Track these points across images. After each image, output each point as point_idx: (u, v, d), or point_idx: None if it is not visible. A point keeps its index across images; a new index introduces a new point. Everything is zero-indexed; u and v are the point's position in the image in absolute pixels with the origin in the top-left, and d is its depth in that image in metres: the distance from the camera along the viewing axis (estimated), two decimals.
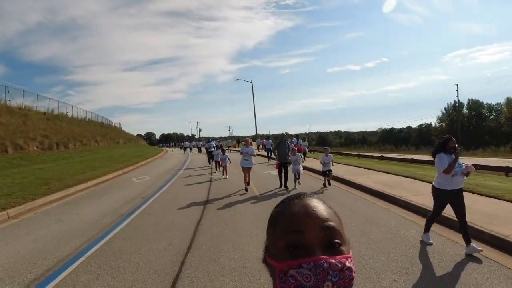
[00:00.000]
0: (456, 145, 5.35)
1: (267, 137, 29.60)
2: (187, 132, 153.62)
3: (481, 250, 4.98)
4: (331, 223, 0.73)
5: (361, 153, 33.58)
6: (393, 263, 4.84)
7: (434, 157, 5.50)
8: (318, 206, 0.77)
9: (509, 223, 6.15)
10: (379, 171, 15.09)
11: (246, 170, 11.70)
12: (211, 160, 21.47)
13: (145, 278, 4.58)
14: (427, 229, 5.75)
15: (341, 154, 34.24)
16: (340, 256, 0.69)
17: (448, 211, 5.79)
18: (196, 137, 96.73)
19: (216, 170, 18.49)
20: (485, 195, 8.65)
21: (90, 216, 8.47)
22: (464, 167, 5.29)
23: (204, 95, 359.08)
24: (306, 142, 27.86)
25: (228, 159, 16.14)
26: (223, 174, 15.89)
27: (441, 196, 5.45)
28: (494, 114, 69.48)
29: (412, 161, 24.52)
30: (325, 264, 0.66)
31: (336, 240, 0.71)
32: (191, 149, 45.99)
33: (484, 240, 5.70)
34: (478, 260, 4.83)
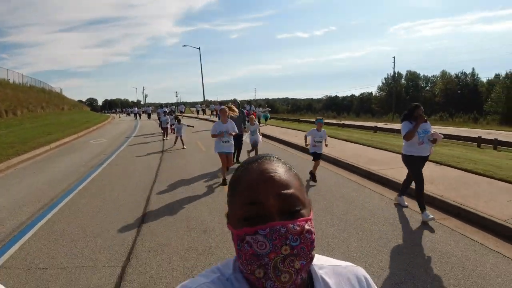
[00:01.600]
0: (423, 113, 5.31)
1: (220, 103, 31.16)
2: (132, 98, 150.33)
3: (433, 218, 5.10)
4: (290, 191, 0.71)
5: (301, 119, 36.70)
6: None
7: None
8: (277, 170, 0.74)
9: (383, 163, 8.91)
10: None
11: (227, 157, 7.86)
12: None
13: (127, 198, 6.78)
14: (402, 192, 5.93)
15: (283, 119, 37.20)
16: (299, 219, 0.68)
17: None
18: (142, 103, 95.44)
19: (164, 137, 17.66)
20: (387, 150, 11.57)
21: (66, 168, 10.31)
22: (430, 134, 5.32)
23: (149, 59, 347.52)
24: (266, 108, 29.85)
25: (183, 129, 14.54)
26: (174, 143, 14.69)
27: (412, 161, 5.46)
28: (429, 85, 75.29)
29: (343, 125, 27.91)
30: (281, 229, 0.65)
31: (297, 208, 0.70)
32: (140, 115, 46.69)
33: (359, 173, 8.42)
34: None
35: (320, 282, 0.77)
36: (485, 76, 68.61)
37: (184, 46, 44.63)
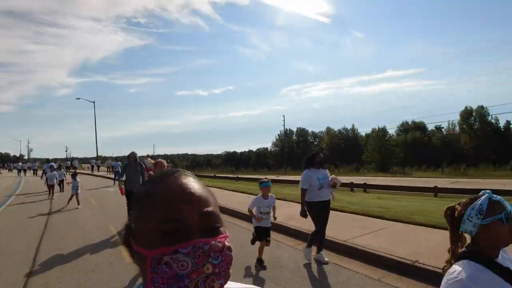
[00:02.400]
0: (322, 160, 5.63)
1: (116, 158, 30.02)
2: (14, 152, 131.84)
3: (327, 263, 5.42)
4: (210, 208, 0.69)
5: (198, 174, 37.87)
6: None
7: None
8: (195, 186, 0.71)
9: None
10: None
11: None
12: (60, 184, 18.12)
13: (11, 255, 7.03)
14: (309, 244, 5.72)
15: None
16: (219, 236, 0.67)
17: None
18: (26, 157, 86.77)
19: (50, 195, 15.91)
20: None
21: None
22: (330, 179, 5.56)
23: (37, 109, 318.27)
24: (169, 163, 27.22)
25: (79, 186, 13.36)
26: (68, 202, 12.96)
27: (313, 208, 5.62)
28: (317, 140, 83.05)
29: (237, 178, 29.78)
30: (205, 246, 0.63)
31: (217, 225, 0.69)
32: (24, 171, 42.89)
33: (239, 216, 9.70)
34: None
35: None
36: (363, 130, 78.47)
37: (78, 99, 42.14)
